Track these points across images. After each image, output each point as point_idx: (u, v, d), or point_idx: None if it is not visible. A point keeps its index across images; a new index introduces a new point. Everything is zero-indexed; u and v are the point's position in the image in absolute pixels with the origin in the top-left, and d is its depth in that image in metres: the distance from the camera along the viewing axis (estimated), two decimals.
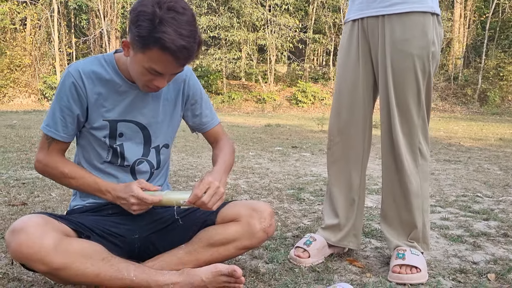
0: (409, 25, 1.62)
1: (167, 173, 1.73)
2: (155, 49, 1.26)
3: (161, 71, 1.33)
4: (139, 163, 1.56)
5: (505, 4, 19.95)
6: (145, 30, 1.24)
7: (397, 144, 1.70)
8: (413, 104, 1.67)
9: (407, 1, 1.62)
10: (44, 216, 1.33)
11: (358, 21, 1.75)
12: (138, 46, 1.29)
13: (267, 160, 4.81)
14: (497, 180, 3.80)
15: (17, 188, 3.06)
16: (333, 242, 1.86)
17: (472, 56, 20.91)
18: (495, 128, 10.75)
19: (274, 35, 20.40)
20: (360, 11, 1.74)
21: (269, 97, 19.84)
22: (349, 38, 1.80)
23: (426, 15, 1.62)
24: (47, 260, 1.25)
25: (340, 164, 1.86)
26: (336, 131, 1.85)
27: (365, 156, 1.87)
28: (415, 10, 1.61)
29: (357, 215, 1.88)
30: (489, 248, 2.03)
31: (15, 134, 6.61)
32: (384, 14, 1.65)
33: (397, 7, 1.63)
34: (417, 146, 1.71)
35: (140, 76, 1.37)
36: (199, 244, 1.54)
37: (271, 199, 2.95)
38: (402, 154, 1.70)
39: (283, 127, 9.82)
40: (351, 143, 1.83)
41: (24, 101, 19.01)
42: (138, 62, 1.33)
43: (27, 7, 20.74)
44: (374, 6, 1.68)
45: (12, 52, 19.35)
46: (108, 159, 1.53)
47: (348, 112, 1.81)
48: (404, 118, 1.69)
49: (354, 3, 1.77)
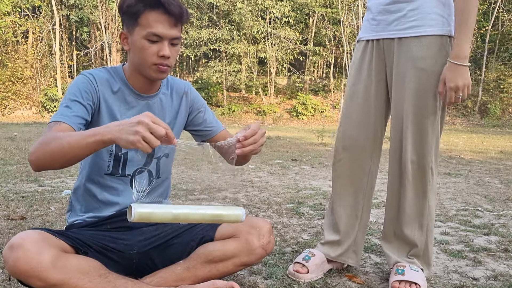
0: (426, 44, 1.61)
1: (168, 192, 1.72)
2: (146, 12, 1.36)
3: (159, 32, 1.37)
4: (139, 172, 1.56)
5: (504, 17, 20.08)
6: (132, 2, 1.37)
7: (405, 163, 1.68)
8: (429, 123, 1.65)
9: (424, 25, 1.62)
10: (42, 232, 1.32)
11: (374, 41, 1.75)
12: (131, 20, 1.39)
13: (266, 173, 4.80)
14: (498, 194, 3.79)
15: (16, 201, 3.06)
16: (332, 257, 1.84)
17: (472, 68, 20.98)
18: (495, 140, 10.74)
19: (274, 47, 20.52)
20: (376, 32, 1.74)
21: (269, 109, 19.89)
22: (362, 56, 1.79)
23: (443, 37, 1.62)
24: (44, 276, 1.24)
25: (343, 181, 1.84)
26: (341, 148, 1.83)
27: (372, 174, 1.84)
28: (432, 34, 1.61)
29: (359, 232, 1.86)
30: (490, 264, 2.01)
31: (15, 147, 6.61)
32: (400, 37, 1.66)
33: (414, 30, 1.63)
34: (429, 166, 1.68)
35: (145, 54, 1.40)
36: (198, 260, 1.53)
37: (271, 213, 2.94)
38: (410, 174, 1.68)
39: (283, 139, 9.82)
40: (357, 161, 1.80)
41: (25, 113, 19.06)
42: (138, 39, 1.39)
43: (29, 20, 20.93)
44: (391, 28, 1.68)
45: (13, 65, 19.45)
46: (109, 170, 1.52)
47: (356, 129, 1.79)
48: (418, 137, 1.66)
49: (370, 23, 1.76)
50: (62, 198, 3.19)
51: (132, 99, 1.52)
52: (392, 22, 1.67)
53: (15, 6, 20.42)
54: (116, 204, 1.55)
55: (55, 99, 18.83)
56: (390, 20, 1.68)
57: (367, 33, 1.77)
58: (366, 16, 1.81)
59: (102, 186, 1.54)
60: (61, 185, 3.75)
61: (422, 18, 1.62)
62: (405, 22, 1.64)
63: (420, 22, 1.62)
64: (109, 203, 1.54)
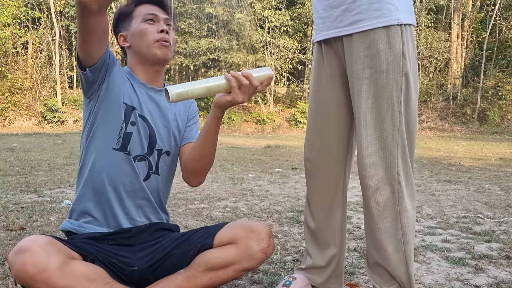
0: (373, 40, 1.41)
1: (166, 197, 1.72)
2: (137, 7, 1.59)
3: (153, 11, 1.56)
4: (140, 160, 1.57)
5: (501, 24, 20.17)
6: (123, 5, 1.62)
7: (363, 179, 1.45)
8: (388, 131, 1.42)
9: (368, 17, 1.41)
10: (50, 237, 1.33)
11: (323, 42, 1.59)
12: (126, 19, 1.58)
13: (267, 182, 4.80)
14: (498, 201, 3.78)
15: (15, 212, 3.05)
16: (318, 284, 1.68)
17: (471, 76, 21.04)
18: (495, 147, 10.75)
19: (274, 56, 20.59)
20: (322, 31, 1.57)
21: (269, 118, 19.91)
22: (317, 59, 1.64)
23: (391, 28, 1.40)
24: (51, 281, 1.24)
25: (317, 199, 1.67)
26: (308, 162, 1.69)
27: (343, 186, 1.67)
28: (378, 26, 1.40)
29: (340, 254, 1.69)
30: (491, 271, 2.00)
31: (15, 158, 6.60)
32: (346, 34, 1.48)
33: (358, 25, 1.43)
34: (395, 180, 1.42)
35: (146, 34, 1.54)
36: (198, 269, 1.52)
37: (271, 222, 2.93)
38: (371, 191, 1.43)
39: (283, 148, 9.82)
40: (325, 174, 1.64)
41: (25, 124, 19.06)
42: (136, 27, 1.56)
43: (29, 31, 21.01)
44: (335, 25, 1.50)
45: (13, 76, 19.47)
46: (118, 146, 1.53)
47: (323, 140, 1.63)
48: (379, 145, 1.43)
49: (317, 23, 1.60)
50: (62, 209, 3.18)
51: (140, 91, 1.60)
52: (336, 18, 1.49)
53: (15, 18, 20.50)
54: (120, 184, 1.54)
55: (54, 109, 18.84)
56: (334, 17, 1.50)
57: (317, 33, 1.61)
58: (313, 15, 1.63)
59: (108, 160, 1.53)
60: (61, 195, 3.74)
61: (365, 10, 1.42)
62: (348, 17, 1.45)
63: (363, 15, 1.42)
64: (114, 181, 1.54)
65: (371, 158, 1.43)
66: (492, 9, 19.81)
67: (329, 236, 1.67)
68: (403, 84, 1.42)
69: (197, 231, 1.62)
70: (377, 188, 1.43)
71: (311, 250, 1.71)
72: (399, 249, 1.45)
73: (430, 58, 20.43)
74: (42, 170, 5.28)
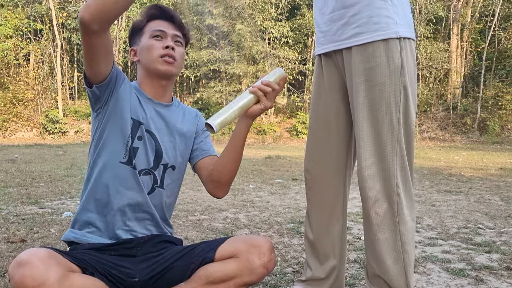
0: (372, 53, 1.44)
1: (170, 212, 1.73)
2: (149, 22, 1.61)
3: (162, 28, 1.59)
4: (145, 173, 1.58)
5: (500, 35, 20.28)
6: (137, 20, 1.65)
7: (363, 191, 1.47)
8: (387, 142, 1.44)
9: (367, 31, 1.45)
10: (50, 250, 1.33)
11: (323, 55, 1.63)
12: (138, 34, 1.62)
13: (267, 193, 4.80)
14: (499, 211, 3.78)
15: (16, 224, 3.05)
16: None
17: (470, 86, 21.11)
18: (495, 157, 10.75)
19: (274, 67, 20.67)
20: (322, 45, 1.62)
21: (269, 129, 19.94)
22: (317, 72, 1.68)
23: (389, 41, 1.43)
24: None
25: (316, 211, 1.69)
26: (308, 173, 1.71)
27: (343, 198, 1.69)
28: (377, 39, 1.44)
29: (340, 266, 1.71)
30: (492, 282, 2.00)
31: (16, 169, 6.62)
32: (346, 47, 1.51)
33: (358, 38, 1.47)
34: (394, 191, 1.44)
35: (152, 50, 1.57)
36: (198, 282, 1.52)
37: (271, 233, 2.93)
38: (371, 203, 1.46)
39: (283, 158, 9.83)
40: (324, 186, 1.67)
41: (26, 135, 19.10)
42: (145, 42, 1.59)
43: (31, 43, 21.14)
44: (335, 39, 1.54)
45: (15, 87, 19.57)
46: (125, 159, 1.54)
47: (322, 154, 1.67)
48: (378, 157, 1.45)
49: (318, 36, 1.65)
50: (63, 220, 3.18)
51: (147, 106, 1.61)
52: (336, 32, 1.54)
53: (17, 30, 20.66)
54: (124, 197, 1.54)
55: (56, 120, 18.90)
56: (334, 30, 1.55)
57: (318, 47, 1.66)
58: (315, 29, 1.68)
59: (114, 174, 1.54)
60: (62, 207, 3.75)
61: (364, 23, 1.46)
62: (348, 31, 1.49)
63: (362, 29, 1.46)
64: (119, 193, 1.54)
65: (370, 170, 1.46)
66: (491, 20, 19.94)
67: (328, 248, 1.68)
68: (401, 97, 1.44)
69: (199, 244, 1.63)
70: (377, 200, 1.45)
71: (311, 262, 1.72)
72: (399, 261, 1.46)
73: (430, 68, 20.51)
74: (43, 182, 5.29)
